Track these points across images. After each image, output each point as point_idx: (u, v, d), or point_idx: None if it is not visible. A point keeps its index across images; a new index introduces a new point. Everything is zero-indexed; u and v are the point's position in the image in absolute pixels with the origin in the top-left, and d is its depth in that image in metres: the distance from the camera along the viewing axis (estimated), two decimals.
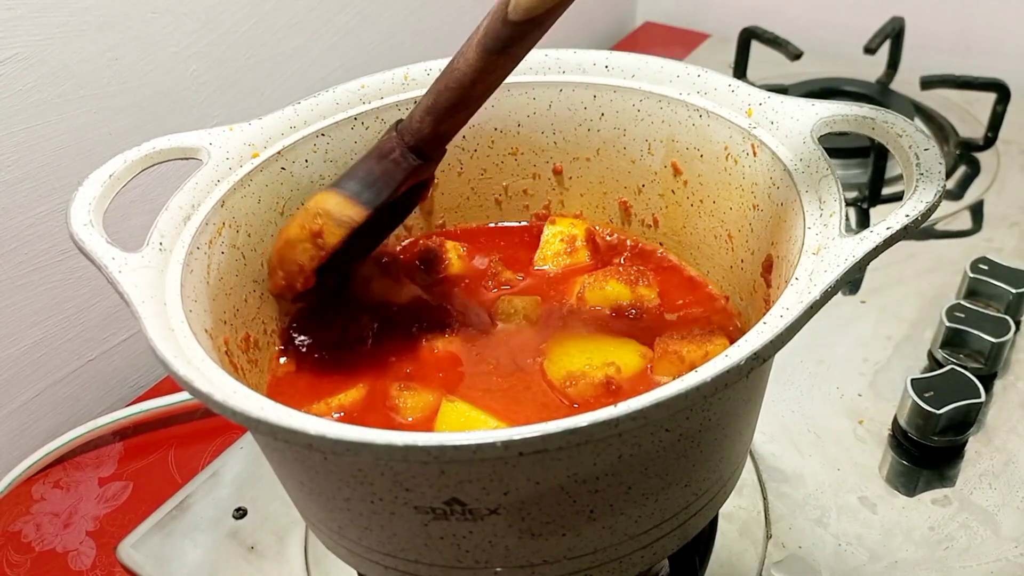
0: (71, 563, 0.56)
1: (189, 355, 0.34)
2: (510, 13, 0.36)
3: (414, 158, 0.42)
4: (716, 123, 0.46)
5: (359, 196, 0.42)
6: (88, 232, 0.38)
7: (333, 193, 0.42)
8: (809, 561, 0.51)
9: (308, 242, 0.42)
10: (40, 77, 0.57)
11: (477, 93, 0.39)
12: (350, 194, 0.42)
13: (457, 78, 0.39)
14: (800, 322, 0.32)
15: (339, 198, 0.42)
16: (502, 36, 0.37)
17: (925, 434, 0.56)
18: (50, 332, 0.65)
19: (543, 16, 0.36)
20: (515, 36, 0.37)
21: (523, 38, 0.37)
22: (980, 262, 0.66)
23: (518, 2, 0.36)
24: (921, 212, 0.34)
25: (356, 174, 0.43)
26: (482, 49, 0.38)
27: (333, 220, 0.42)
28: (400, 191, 0.42)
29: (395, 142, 0.42)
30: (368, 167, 0.42)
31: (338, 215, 0.42)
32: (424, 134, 0.41)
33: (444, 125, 0.41)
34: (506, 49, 0.37)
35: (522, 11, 0.36)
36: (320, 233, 0.42)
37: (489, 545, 0.35)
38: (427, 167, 0.43)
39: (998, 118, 0.81)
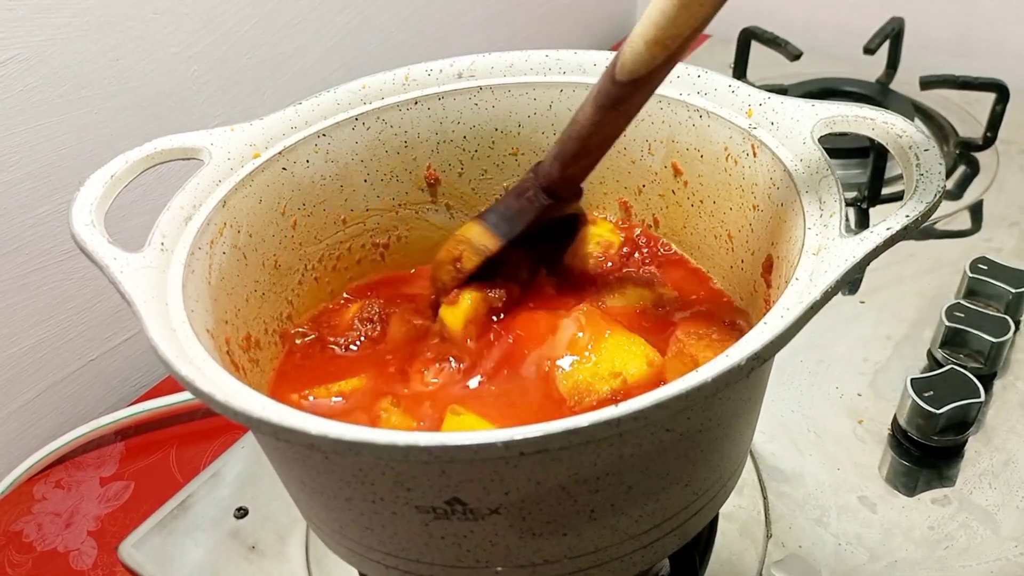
0: (72, 563, 0.57)
1: (191, 355, 0.34)
2: (617, 73, 0.39)
3: (545, 197, 0.45)
4: (716, 123, 0.46)
5: (496, 228, 0.46)
6: (90, 232, 0.38)
7: (477, 223, 0.47)
8: (809, 560, 0.51)
9: (450, 264, 0.47)
10: (41, 77, 0.57)
11: (595, 143, 0.42)
12: (489, 225, 0.46)
13: (577, 130, 0.42)
14: (800, 323, 0.32)
15: (480, 228, 0.46)
16: (612, 94, 0.40)
17: (925, 434, 0.56)
18: (52, 332, 0.65)
19: (646, 77, 0.38)
20: (623, 95, 0.39)
21: (631, 96, 0.39)
22: (979, 262, 0.66)
23: (623, 64, 0.38)
24: (921, 212, 0.34)
25: (498, 207, 0.47)
26: (596, 106, 0.41)
27: (471, 248, 0.46)
28: (535, 226, 0.46)
29: (531, 182, 0.46)
30: (508, 202, 0.47)
31: (476, 244, 0.46)
32: (554, 177, 0.45)
33: (569, 170, 0.44)
34: (616, 106, 0.40)
35: (626, 72, 0.38)
36: (460, 258, 0.46)
37: (490, 545, 0.35)
38: (559, 206, 0.46)
39: (997, 118, 0.81)
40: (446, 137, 0.52)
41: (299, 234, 0.49)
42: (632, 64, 0.38)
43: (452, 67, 0.50)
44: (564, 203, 0.47)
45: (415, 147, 0.52)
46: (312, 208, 0.49)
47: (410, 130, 0.51)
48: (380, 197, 0.52)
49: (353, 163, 0.50)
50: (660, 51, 0.37)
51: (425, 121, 0.51)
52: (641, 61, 0.38)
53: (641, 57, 0.38)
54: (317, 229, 0.50)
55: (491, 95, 0.51)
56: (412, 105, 0.50)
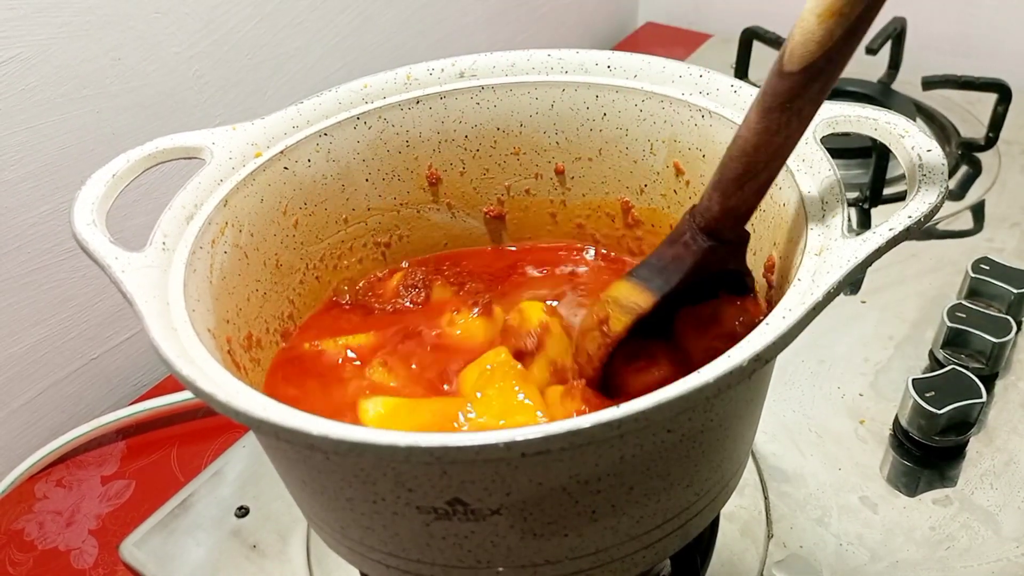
0: (73, 561, 0.57)
1: (192, 354, 0.34)
2: (785, 64, 0.33)
3: (704, 239, 0.38)
4: (718, 123, 0.46)
5: (648, 282, 0.39)
6: (91, 231, 0.38)
7: (625, 280, 0.40)
8: (810, 561, 0.51)
9: (596, 330, 0.41)
10: (42, 77, 0.57)
11: (762, 159, 0.35)
12: (640, 280, 0.40)
13: (740, 146, 0.36)
14: (802, 323, 0.32)
15: (629, 285, 0.40)
16: (780, 91, 0.34)
17: (926, 434, 0.56)
18: (53, 331, 0.65)
19: (821, 61, 0.32)
20: (795, 88, 0.33)
21: (805, 89, 0.33)
22: (981, 262, 0.66)
23: (792, 49, 0.32)
24: (924, 213, 0.34)
25: (649, 260, 0.40)
26: (762, 109, 0.34)
27: (620, 307, 0.40)
28: (695, 276, 0.39)
29: (687, 225, 0.39)
30: (660, 252, 0.40)
31: (625, 301, 0.40)
32: (713, 212, 0.37)
33: (732, 199, 0.37)
34: (788, 104, 0.34)
35: (797, 59, 0.32)
36: (606, 320, 0.40)
37: (491, 545, 0.35)
38: (725, 250, 0.39)
39: (999, 118, 0.81)
40: (448, 136, 0.52)
41: (300, 233, 0.49)
42: (803, 46, 0.32)
43: (454, 66, 0.50)
44: (730, 248, 0.39)
45: (417, 146, 0.52)
46: (313, 207, 0.49)
47: (412, 129, 0.51)
48: (382, 196, 0.52)
49: (355, 162, 0.50)
50: (837, 23, 0.31)
51: (427, 120, 0.51)
52: (815, 40, 0.32)
53: (814, 35, 0.32)
54: (318, 228, 0.50)
55: (493, 94, 0.51)
56: (414, 104, 0.50)
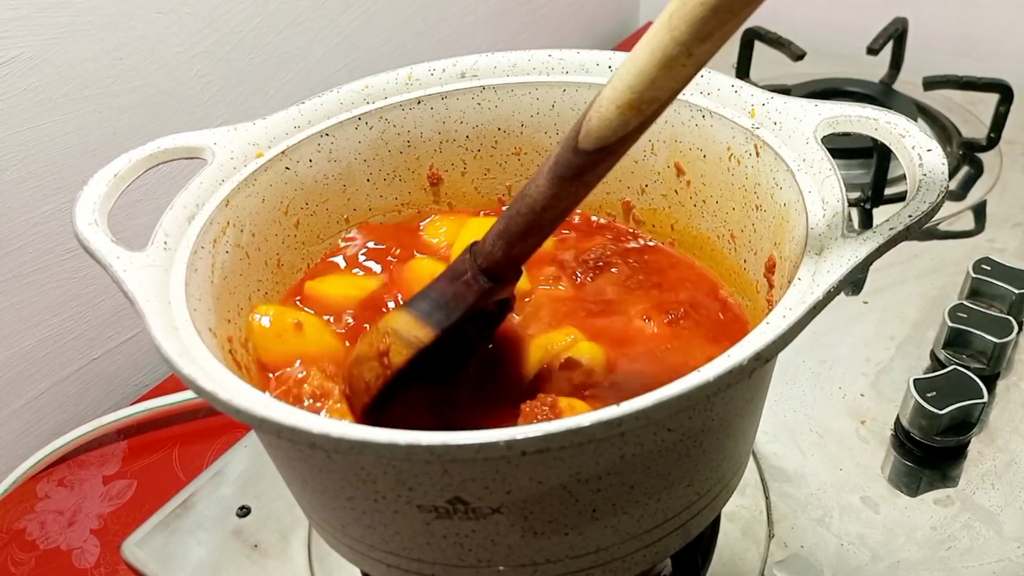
0: (75, 561, 0.57)
1: (193, 354, 0.34)
2: (580, 142, 0.35)
3: (486, 280, 0.40)
4: (719, 123, 0.46)
5: (429, 317, 0.41)
6: (93, 231, 0.38)
7: (403, 312, 0.42)
8: (811, 561, 0.51)
9: (375, 360, 0.41)
10: (44, 77, 0.58)
11: (548, 219, 0.38)
12: (420, 314, 0.41)
13: (528, 204, 0.38)
14: (803, 322, 0.32)
15: (409, 318, 0.41)
16: (573, 164, 0.36)
17: (928, 434, 0.56)
18: (55, 330, 0.65)
19: (615, 145, 0.35)
20: (587, 164, 0.35)
21: (595, 166, 0.36)
22: (983, 262, 0.66)
23: (588, 131, 0.35)
24: (924, 213, 0.34)
25: (428, 294, 0.42)
26: (553, 176, 0.36)
27: (401, 340, 0.41)
28: (471, 312, 0.41)
29: (468, 264, 0.41)
30: (440, 288, 0.42)
31: (406, 335, 0.41)
32: (496, 257, 0.40)
33: (515, 249, 0.40)
34: (577, 177, 0.36)
35: (592, 140, 0.35)
36: (387, 352, 0.41)
37: (492, 544, 0.35)
38: (500, 288, 0.42)
39: (1001, 119, 0.81)
40: (449, 137, 0.52)
41: (302, 233, 0.49)
42: (600, 131, 0.34)
43: (455, 67, 0.50)
44: (504, 286, 0.42)
45: (418, 146, 0.52)
46: (315, 207, 0.49)
47: (413, 129, 0.51)
48: (383, 196, 0.52)
49: (356, 162, 0.50)
50: (634, 116, 0.33)
51: (428, 120, 0.51)
52: (611, 128, 0.34)
53: (611, 123, 0.34)
54: (320, 228, 0.50)
55: (494, 95, 0.51)
56: (415, 104, 0.50)
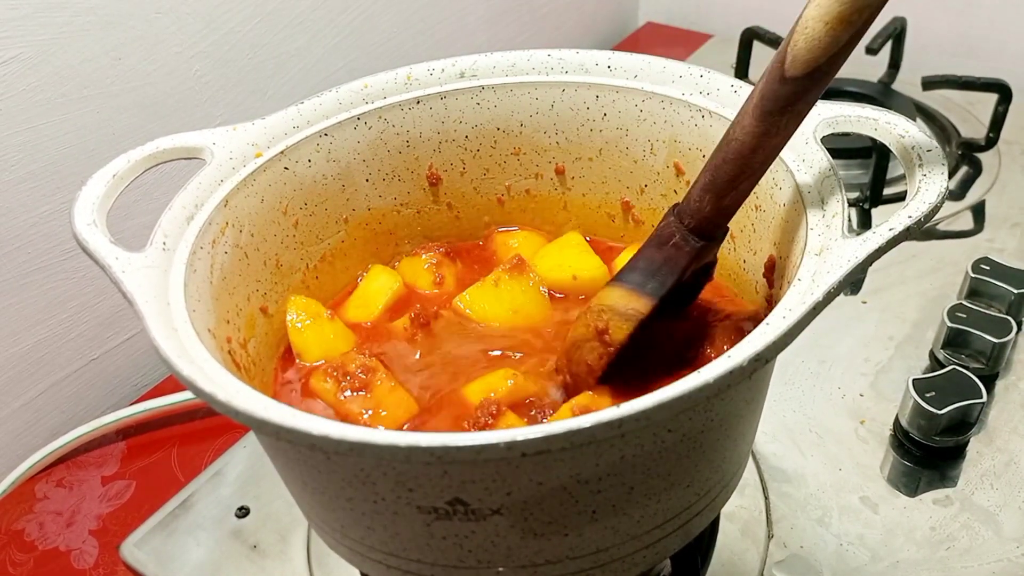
0: (74, 562, 0.57)
1: (192, 355, 0.34)
2: (787, 70, 0.34)
3: (696, 240, 0.39)
4: (719, 124, 0.46)
5: (643, 287, 0.40)
6: (91, 232, 0.38)
7: (615, 287, 0.41)
8: (811, 561, 0.51)
9: (595, 340, 0.40)
10: (44, 77, 0.57)
11: (759, 160, 0.37)
12: (633, 286, 0.40)
13: (736, 149, 0.37)
14: (803, 323, 0.32)
15: (622, 291, 0.40)
16: (782, 96, 0.35)
17: (927, 434, 0.56)
18: (53, 331, 0.65)
19: (826, 65, 0.33)
20: (797, 92, 0.34)
21: (806, 93, 0.34)
22: (982, 262, 0.66)
23: (796, 55, 0.33)
24: (924, 213, 0.34)
25: (636, 265, 0.41)
26: (761, 113, 0.35)
27: (619, 315, 0.40)
28: (686, 276, 0.40)
29: (674, 227, 0.40)
30: (649, 256, 0.40)
31: (623, 309, 0.40)
32: (705, 213, 0.39)
33: (726, 200, 0.38)
34: (787, 108, 0.35)
35: (801, 64, 0.33)
36: (606, 330, 0.40)
37: (492, 545, 0.35)
38: (711, 247, 0.40)
39: (1000, 118, 0.81)
40: (448, 136, 0.52)
41: (301, 233, 0.49)
42: (808, 52, 0.33)
43: (454, 66, 0.50)
44: (715, 245, 0.41)
45: (417, 146, 0.52)
46: (314, 207, 0.49)
47: (412, 129, 0.51)
48: (382, 196, 0.52)
49: (355, 162, 0.50)
50: (844, 30, 0.32)
51: (427, 120, 0.51)
52: (821, 46, 0.33)
53: (820, 42, 0.33)
54: (319, 228, 0.50)
55: (493, 94, 0.51)
56: (414, 104, 0.50)
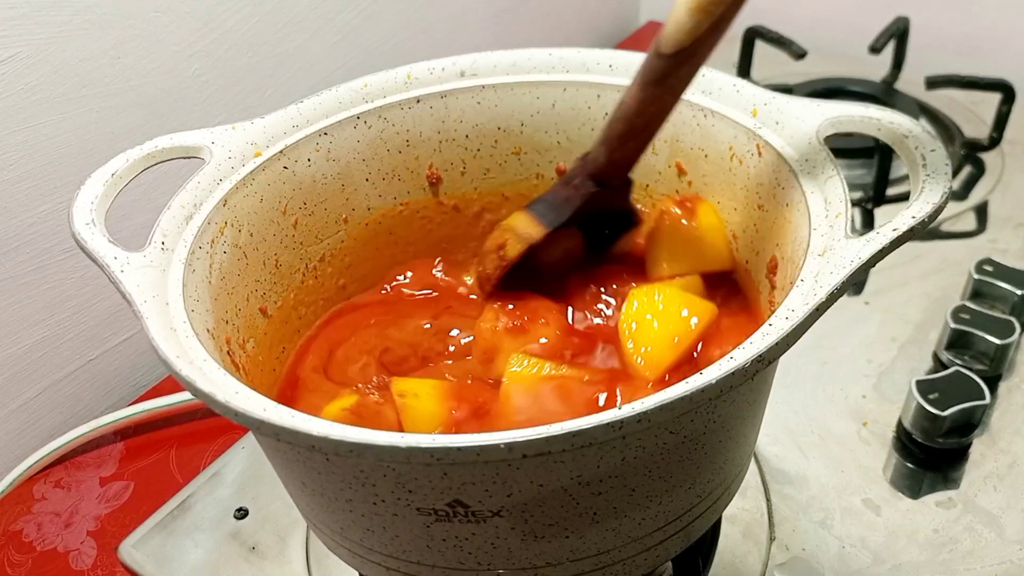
0: (72, 563, 0.56)
1: (191, 355, 0.34)
2: (661, 46, 0.38)
3: (592, 184, 0.45)
4: (721, 123, 0.45)
5: (543, 216, 0.46)
6: (90, 231, 0.38)
7: (522, 212, 0.47)
8: (813, 563, 0.51)
9: (494, 253, 0.47)
10: (42, 76, 0.57)
11: (641, 124, 0.42)
12: (536, 214, 0.46)
13: (623, 110, 0.41)
14: (806, 324, 0.31)
15: (526, 217, 0.46)
16: (656, 69, 0.39)
17: (930, 436, 0.56)
18: (51, 331, 0.64)
19: (691, 48, 0.37)
20: (668, 68, 0.39)
21: (676, 70, 0.39)
22: (985, 263, 0.66)
23: (667, 35, 0.37)
24: (928, 213, 0.34)
25: (545, 196, 0.47)
26: (642, 82, 0.40)
27: (515, 235, 0.46)
28: (582, 214, 0.45)
29: (578, 170, 0.45)
30: (555, 191, 0.46)
31: (520, 231, 0.46)
32: (600, 163, 0.44)
33: (616, 154, 0.43)
34: (662, 81, 0.39)
35: (670, 43, 0.37)
36: (503, 246, 0.46)
37: (492, 547, 0.34)
38: (608, 195, 0.45)
39: (1003, 118, 0.81)
40: (448, 136, 0.51)
41: (300, 233, 0.49)
42: (675, 34, 0.37)
43: (454, 65, 0.50)
44: (612, 192, 0.46)
45: (417, 146, 0.51)
46: (313, 207, 0.49)
47: (412, 129, 0.51)
48: (382, 196, 0.52)
49: (355, 162, 0.50)
50: (704, 17, 0.36)
51: (427, 120, 0.51)
52: (685, 30, 0.36)
53: (684, 25, 0.36)
54: (318, 228, 0.50)
55: (494, 94, 0.51)
56: (414, 104, 0.50)
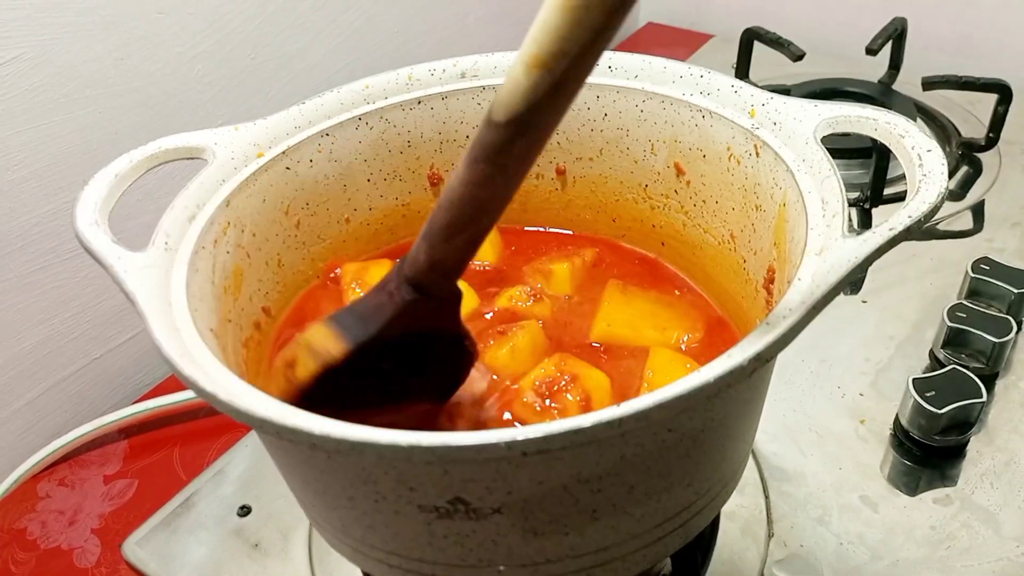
0: (76, 560, 0.57)
1: (194, 354, 0.34)
2: (492, 113, 0.30)
3: (409, 291, 0.35)
4: (719, 124, 0.46)
5: (348, 330, 0.36)
6: (94, 231, 0.38)
7: (323, 324, 0.37)
8: (810, 560, 0.51)
9: (281, 373, 0.37)
10: (46, 77, 0.58)
11: (468, 213, 0.33)
12: (338, 327, 0.36)
13: (448, 196, 0.33)
14: (803, 323, 0.32)
15: (325, 330, 0.36)
16: (487, 142, 0.31)
17: (927, 434, 0.56)
18: (56, 330, 0.65)
19: (527, 115, 0.29)
20: (501, 142, 0.30)
21: (510, 144, 0.30)
22: (982, 262, 0.66)
23: (500, 99, 0.30)
24: (924, 213, 0.34)
25: (355, 306, 0.37)
26: (469, 159, 0.31)
27: (308, 352, 0.36)
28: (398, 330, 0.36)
29: (395, 273, 0.36)
30: (366, 299, 0.37)
31: (316, 347, 0.36)
32: (420, 264, 0.35)
33: (438, 252, 0.34)
34: (493, 158, 0.31)
35: (503, 109, 0.29)
36: (293, 363, 0.36)
37: (492, 544, 0.35)
38: (431, 306, 0.36)
39: (1000, 118, 0.81)
40: (449, 137, 0.52)
41: (302, 233, 0.49)
42: (509, 96, 0.29)
43: (455, 67, 0.50)
44: (436, 304, 0.36)
45: (418, 147, 0.52)
46: (315, 208, 0.49)
47: (413, 130, 0.51)
48: (383, 196, 0.52)
49: (356, 163, 0.50)
50: (542, 76, 0.28)
51: (428, 121, 0.51)
52: (520, 91, 0.29)
53: (520, 85, 0.29)
54: (320, 228, 0.50)
55: (494, 95, 0.51)
56: (415, 105, 0.50)
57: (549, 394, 0.41)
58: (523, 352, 0.44)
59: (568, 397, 0.41)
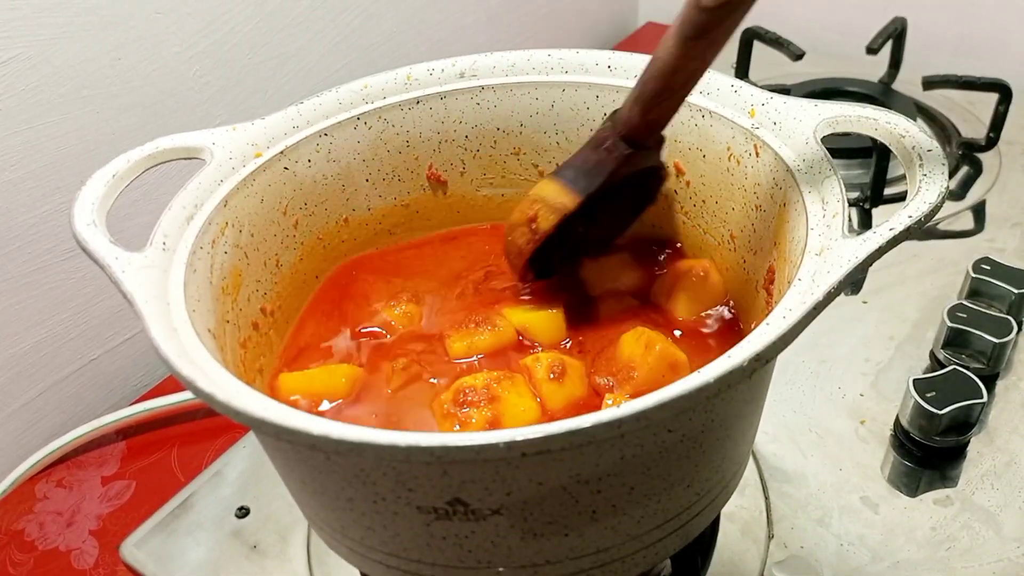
0: (74, 562, 0.57)
1: (192, 355, 0.34)
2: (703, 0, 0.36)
3: (625, 146, 0.43)
4: (719, 123, 0.46)
5: (575, 183, 0.43)
6: (91, 232, 0.38)
7: (550, 181, 0.44)
8: (811, 561, 0.51)
9: (525, 226, 0.44)
10: (43, 77, 0.57)
11: (679, 81, 0.40)
12: (566, 182, 0.44)
13: (659, 67, 0.39)
14: (803, 323, 0.32)
15: (556, 186, 0.44)
16: (698, 23, 0.37)
17: (927, 434, 0.56)
18: (53, 331, 0.65)
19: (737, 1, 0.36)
20: (711, 22, 0.37)
21: (720, 23, 0.37)
22: (982, 262, 0.66)
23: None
24: (924, 213, 0.34)
25: (574, 162, 0.44)
26: (680, 38, 0.38)
27: (547, 206, 0.44)
28: (616, 179, 0.43)
29: (608, 131, 0.43)
30: (584, 156, 0.44)
31: (552, 201, 0.44)
32: (634, 123, 0.42)
33: (651, 114, 0.41)
34: (703, 36, 0.37)
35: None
36: (535, 218, 0.44)
37: (492, 545, 0.35)
38: (641, 155, 0.44)
39: (1000, 118, 0.81)
40: (448, 137, 0.52)
41: (300, 233, 0.49)
42: None
43: (454, 67, 0.50)
44: (646, 152, 0.44)
45: (417, 146, 0.52)
46: (314, 208, 0.49)
47: (412, 129, 0.51)
48: (382, 196, 0.52)
49: (355, 162, 0.50)
50: None
51: (427, 121, 0.51)
52: None
53: None
54: (319, 229, 0.50)
55: (493, 95, 0.51)
56: (414, 104, 0.50)
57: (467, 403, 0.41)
58: None
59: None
